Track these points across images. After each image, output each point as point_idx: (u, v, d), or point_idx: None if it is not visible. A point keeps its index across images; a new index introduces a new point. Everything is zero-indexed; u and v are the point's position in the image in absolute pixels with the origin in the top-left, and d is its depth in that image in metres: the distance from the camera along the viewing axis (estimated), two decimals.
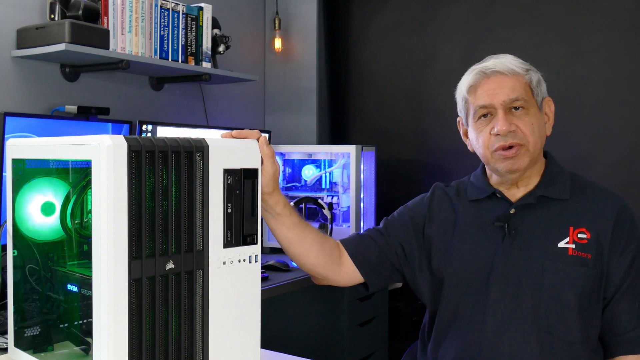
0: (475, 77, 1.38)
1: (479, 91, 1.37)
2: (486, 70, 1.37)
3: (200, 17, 2.48)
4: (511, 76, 1.35)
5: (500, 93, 1.34)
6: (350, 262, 1.45)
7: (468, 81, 1.39)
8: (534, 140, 1.35)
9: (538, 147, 1.37)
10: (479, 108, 1.37)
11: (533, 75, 1.38)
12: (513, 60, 1.38)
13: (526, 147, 1.35)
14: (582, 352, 1.32)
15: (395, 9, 3.06)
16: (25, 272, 1.18)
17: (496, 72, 1.36)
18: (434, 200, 1.50)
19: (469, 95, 1.39)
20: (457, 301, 1.40)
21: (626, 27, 2.51)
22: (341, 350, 2.53)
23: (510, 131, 1.33)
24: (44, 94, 2.16)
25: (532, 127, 1.35)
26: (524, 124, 1.34)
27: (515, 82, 1.35)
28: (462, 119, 1.46)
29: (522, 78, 1.36)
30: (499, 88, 1.35)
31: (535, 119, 1.36)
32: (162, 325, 0.99)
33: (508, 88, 1.35)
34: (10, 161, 1.18)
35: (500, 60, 1.38)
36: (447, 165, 2.89)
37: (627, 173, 2.49)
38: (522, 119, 1.34)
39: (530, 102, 1.36)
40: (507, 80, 1.35)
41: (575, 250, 1.33)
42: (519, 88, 1.35)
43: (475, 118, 1.39)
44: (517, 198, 1.40)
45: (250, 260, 1.12)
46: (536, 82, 1.38)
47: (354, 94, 3.21)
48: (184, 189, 1.01)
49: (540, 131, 1.37)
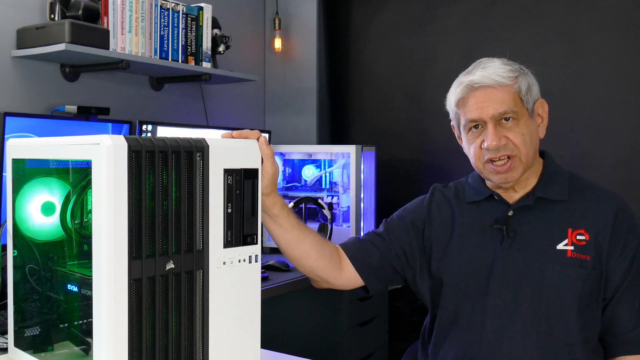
0: (462, 91, 1.36)
1: (468, 105, 1.35)
2: (473, 85, 1.34)
3: (200, 17, 2.48)
4: (499, 88, 1.33)
5: (489, 107, 1.32)
6: (351, 267, 1.44)
7: (456, 95, 1.37)
8: (526, 150, 1.33)
9: (531, 155, 1.35)
10: (468, 121, 1.36)
11: (522, 81, 1.34)
12: (501, 68, 1.34)
13: (518, 158, 1.33)
14: (582, 353, 1.32)
15: (395, 9, 3.06)
16: (25, 272, 1.18)
17: (483, 86, 1.33)
18: (433, 202, 1.50)
19: (458, 108, 1.38)
20: (457, 303, 1.40)
21: (626, 27, 2.51)
22: (341, 350, 2.53)
23: (500, 145, 1.32)
24: (44, 94, 2.16)
25: (523, 137, 1.33)
26: (515, 135, 1.32)
27: (504, 93, 1.32)
28: (454, 126, 1.46)
29: (511, 88, 1.33)
30: (487, 101, 1.32)
31: (526, 128, 1.34)
32: (162, 325, 0.99)
33: (496, 101, 1.32)
34: (10, 161, 1.18)
35: (487, 72, 1.34)
36: (447, 165, 2.88)
37: (627, 173, 2.49)
38: (513, 131, 1.32)
39: (521, 112, 1.33)
40: (495, 93, 1.32)
41: (574, 252, 1.33)
42: (507, 100, 1.32)
43: (466, 130, 1.37)
44: (515, 200, 1.40)
45: (250, 260, 1.12)
46: (525, 89, 1.34)
47: (354, 94, 3.21)
48: (184, 189, 1.01)
49: (532, 139, 1.35)
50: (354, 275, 1.44)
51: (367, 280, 1.45)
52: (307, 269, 1.42)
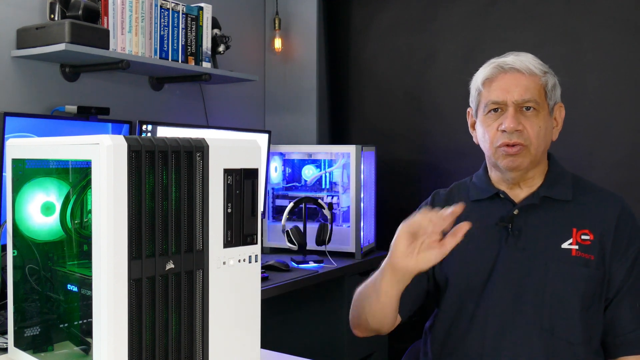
0: (492, 71, 1.38)
1: (494, 85, 1.37)
2: (504, 65, 1.36)
3: (200, 17, 2.48)
4: (528, 76, 1.35)
5: (514, 91, 1.34)
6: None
7: (485, 73, 1.39)
8: (538, 143, 1.35)
9: (541, 150, 1.37)
10: (490, 102, 1.37)
11: (550, 78, 1.38)
12: (533, 61, 1.38)
13: (528, 149, 1.35)
14: (584, 353, 1.32)
15: (395, 9, 3.06)
16: (25, 272, 1.18)
17: (514, 69, 1.36)
18: (435, 206, 1.50)
19: (484, 87, 1.39)
20: (460, 301, 1.40)
21: (626, 27, 2.51)
22: (341, 350, 2.53)
23: (517, 130, 1.33)
24: (44, 94, 2.16)
25: (539, 130, 1.35)
26: (532, 126, 1.34)
27: (531, 82, 1.35)
28: (472, 109, 1.46)
29: (539, 80, 1.36)
30: (513, 85, 1.35)
31: (543, 122, 1.36)
32: (162, 325, 0.99)
33: (522, 87, 1.34)
34: (10, 161, 1.18)
35: (520, 58, 1.37)
36: (447, 165, 2.88)
37: (627, 173, 2.49)
38: (531, 120, 1.34)
39: (542, 105, 1.36)
40: (523, 79, 1.35)
41: (579, 252, 1.33)
42: (533, 89, 1.35)
43: (485, 111, 1.39)
44: (521, 199, 1.41)
45: (250, 260, 1.12)
46: (551, 86, 1.38)
47: (354, 94, 3.21)
48: (184, 189, 1.01)
49: (546, 135, 1.37)
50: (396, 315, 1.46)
51: (404, 316, 1.46)
52: (385, 329, 1.43)
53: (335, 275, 2.45)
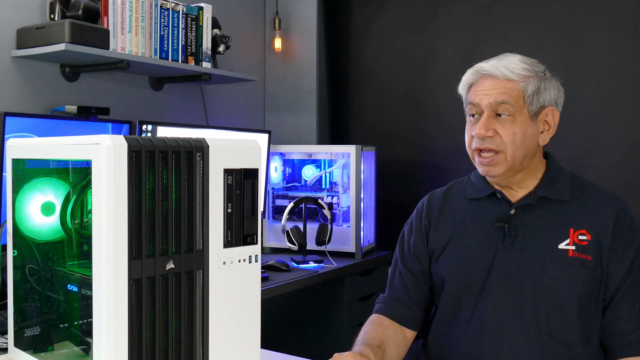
0: (472, 76, 1.39)
1: (472, 90, 1.39)
2: (481, 71, 1.37)
3: (200, 17, 2.48)
4: (504, 81, 1.34)
5: (489, 95, 1.34)
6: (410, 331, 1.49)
7: (466, 78, 1.41)
8: (514, 149, 1.33)
9: (519, 156, 1.34)
10: (469, 107, 1.39)
11: (532, 83, 1.34)
12: (515, 64, 1.35)
13: (503, 155, 1.34)
14: (583, 354, 1.32)
15: (395, 9, 3.06)
16: (25, 272, 1.18)
17: (489, 75, 1.35)
18: (430, 208, 1.51)
19: (465, 92, 1.41)
20: (458, 301, 1.40)
21: (626, 27, 2.51)
22: (341, 350, 2.52)
23: (487, 136, 1.34)
24: (44, 94, 2.16)
25: (513, 136, 1.33)
26: (505, 132, 1.33)
27: (507, 87, 1.34)
28: None
29: (517, 85, 1.33)
30: (489, 89, 1.35)
31: (520, 128, 1.33)
32: (162, 325, 1.00)
33: (496, 92, 1.34)
34: (10, 161, 1.18)
35: (502, 63, 1.35)
36: (447, 165, 2.88)
37: (627, 173, 2.49)
38: (505, 127, 1.33)
39: (519, 111, 1.33)
40: (499, 84, 1.34)
41: (576, 252, 1.33)
42: (508, 94, 1.33)
43: (468, 116, 1.41)
44: (518, 199, 1.40)
45: (250, 260, 1.12)
46: (533, 91, 1.34)
47: (354, 94, 3.21)
48: (184, 189, 1.01)
49: (524, 140, 1.34)
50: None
51: (417, 326, 1.50)
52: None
53: (335, 275, 2.45)
